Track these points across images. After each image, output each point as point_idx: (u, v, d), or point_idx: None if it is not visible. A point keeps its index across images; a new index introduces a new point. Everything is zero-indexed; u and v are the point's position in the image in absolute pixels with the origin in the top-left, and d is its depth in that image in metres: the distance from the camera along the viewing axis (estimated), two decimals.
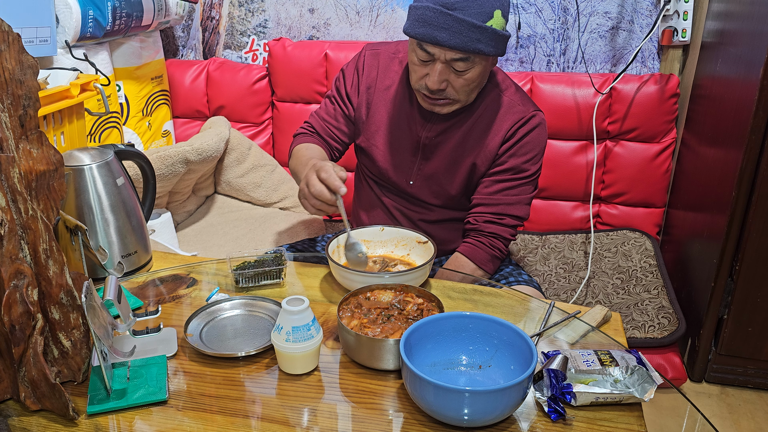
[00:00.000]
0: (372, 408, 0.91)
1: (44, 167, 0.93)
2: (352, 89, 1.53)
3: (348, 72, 1.55)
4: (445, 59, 1.30)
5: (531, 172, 1.44)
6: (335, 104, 1.56)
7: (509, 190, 1.44)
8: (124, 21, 1.96)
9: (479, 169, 1.45)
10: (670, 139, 2.25)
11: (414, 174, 1.49)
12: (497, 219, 1.44)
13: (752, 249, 1.80)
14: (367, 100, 1.51)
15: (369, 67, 1.52)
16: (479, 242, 1.44)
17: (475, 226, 1.45)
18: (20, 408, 0.91)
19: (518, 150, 1.43)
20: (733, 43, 1.90)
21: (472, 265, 1.42)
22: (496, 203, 1.44)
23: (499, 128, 1.43)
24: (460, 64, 1.30)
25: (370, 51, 1.54)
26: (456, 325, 0.97)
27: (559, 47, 2.34)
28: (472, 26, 1.25)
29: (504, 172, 1.44)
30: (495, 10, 1.27)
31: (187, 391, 0.94)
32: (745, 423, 1.83)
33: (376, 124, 1.50)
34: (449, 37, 1.25)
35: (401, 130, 1.48)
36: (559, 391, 0.89)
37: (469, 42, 1.26)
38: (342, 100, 1.55)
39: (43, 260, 0.88)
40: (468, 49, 1.26)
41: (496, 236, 1.44)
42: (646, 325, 1.90)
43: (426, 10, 1.26)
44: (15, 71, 0.89)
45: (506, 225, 1.44)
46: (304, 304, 0.95)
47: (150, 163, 1.36)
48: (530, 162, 1.44)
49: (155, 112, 2.32)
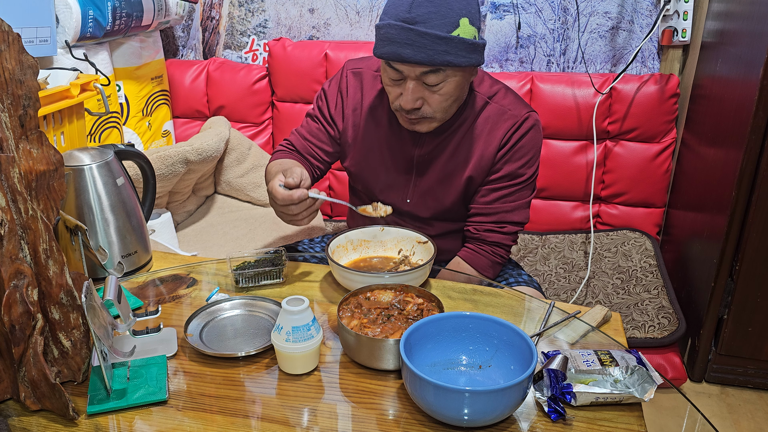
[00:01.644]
0: (372, 408, 0.91)
1: (44, 167, 0.93)
2: (336, 111, 1.48)
3: (330, 93, 1.49)
4: (415, 76, 1.25)
5: (528, 176, 1.41)
6: (318, 123, 1.50)
7: (507, 197, 1.41)
8: (124, 21, 1.96)
9: (476, 180, 1.41)
10: (670, 139, 2.25)
11: (410, 192, 1.46)
12: (498, 228, 1.41)
13: (752, 249, 1.80)
14: (354, 122, 1.46)
15: (353, 89, 1.46)
16: (482, 250, 1.42)
17: (476, 235, 1.43)
18: (20, 408, 0.91)
19: (513, 155, 1.39)
20: (733, 43, 1.90)
21: (473, 271, 1.41)
22: (496, 212, 1.41)
23: (492, 137, 1.38)
24: (432, 78, 1.25)
25: (351, 71, 1.48)
26: (456, 325, 0.97)
27: (559, 47, 2.34)
28: (436, 38, 1.19)
29: (500, 179, 1.40)
30: (460, 18, 1.21)
31: (187, 391, 0.94)
32: (744, 423, 1.83)
33: (366, 146, 1.46)
34: (414, 53, 1.20)
35: (393, 150, 1.44)
36: (559, 391, 0.89)
37: (435, 55, 1.20)
38: (325, 119, 1.49)
39: (43, 260, 0.88)
40: (435, 62, 1.21)
41: (498, 244, 1.42)
42: (646, 325, 1.90)
43: (389, 27, 1.22)
44: (15, 71, 0.89)
45: (507, 232, 1.42)
46: (304, 304, 0.95)
47: (150, 163, 1.36)
48: (526, 166, 1.40)
49: (155, 112, 2.32)
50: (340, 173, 2.44)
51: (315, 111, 1.51)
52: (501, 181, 1.40)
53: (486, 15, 2.35)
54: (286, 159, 1.48)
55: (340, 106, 1.47)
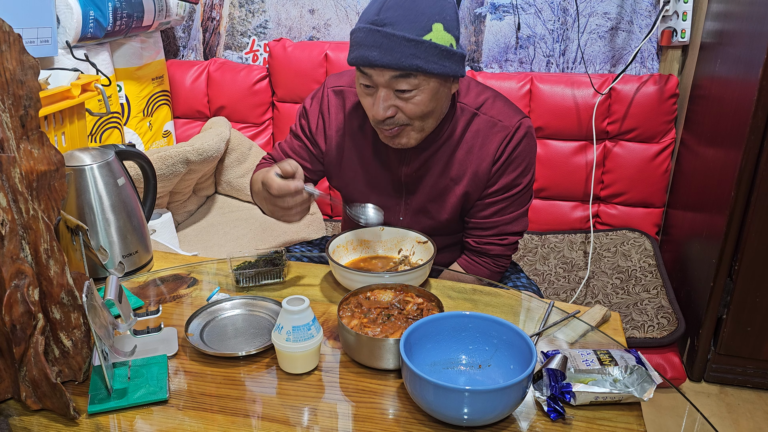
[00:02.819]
0: (372, 407, 0.92)
1: (45, 167, 0.93)
2: (317, 132, 1.42)
3: (312, 113, 1.43)
4: (385, 81, 1.19)
5: (524, 185, 1.37)
6: (300, 141, 1.45)
7: (505, 210, 1.37)
8: (125, 21, 1.97)
9: (472, 196, 1.37)
10: (670, 140, 2.25)
11: (402, 211, 1.42)
12: (499, 240, 1.39)
13: (751, 249, 1.80)
14: (337, 143, 1.41)
15: (335, 109, 1.40)
16: (484, 261, 1.41)
17: (477, 249, 1.40)
18: (21, 407, 0.91)
19: (508, 167, 1.34)
20: (732, 43, 1.90)
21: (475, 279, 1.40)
22: (495, 225, 1.38)
23: (485, 152, 1.33)
24: (403, 84, 1.18)
25: (332, 89, 1.42)
26: (456, 325, 0.97)
27: (559, 48, 2.34)
28: (404, 40, 1.14)
29: (497, 192, 1.36)
30: (433, 23, 1.15)
31: (188, 390, 0.94)
32: (744, 422, 1.83)
33: (353, 168, 1.41)
34: (381, 56, 1.15)
35: (380, 170, 1.39)
36: (559, 390, 0.89)
37: (402, 58, 1.15)
38: (308, 138, 1.44)
39: (44, 260, 0.88)
40: (402, 66, 1.15)
41: (500, 256, 1.41)
42: (645, 325, 1.90)
43: (359, 31, 1.19)
44: (16, 72, 0.90)
45: (508, 244, 1.40)
46: (304, 304, 0.95)
47: (151, 164, 1.36)
48: (521, 175, 1.35)
49: (156, 113, 2.32)
50: None
51: (297, 128, 1.46)
52: (497, 194, 1.36)
53: (486, 16, 2.35)
54: None
55: (322, 127, 1.42)
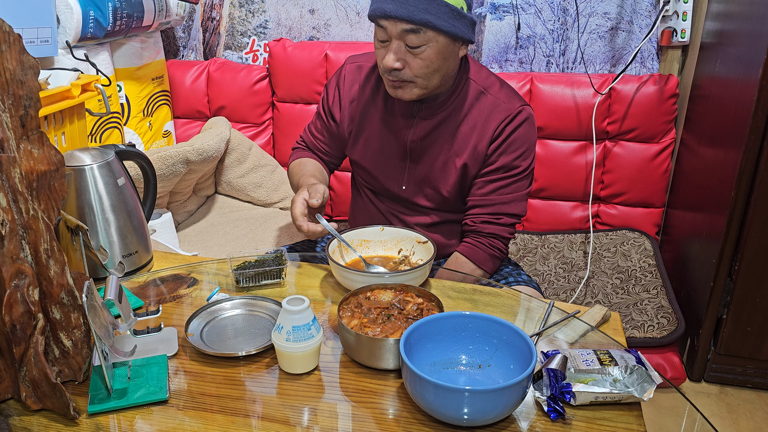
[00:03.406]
0: (372, 407, 0.92)
1: (45, 167, 0.93)
2: (333, 104, 1.54)
3: (330, 87, 1.56)
4: (398, 34, 1.29)
5: (523, 168, 1.43)
6: (321, 120, 1.59)
7: (503, 189, 1.43)
8: (125, 21, 1.97)
9: (470, 170, 1.44)
10: (670, 140, 2.25)
11: (405, 179, 1.49)
12: (494, 219, 1.44)
13: (751, 249, 1.80)
14: (350, 114, 1.52)
15: (350, 82, 1.52)
16: (478, 242, 1.44)
17: (473, 228, 1.45)
18: (21, 407, 0.91)
19: (507, 148, 1.41)
20: (732, 43, 1.90)
21: (472, 264, 1.43)
22: (492, 203, 1.44)
23: (486, 129, 1.41)
24: (413, 38, 1.28)
25: (351, 64, 1.55)
26: (456, 325, 0.97)
27: (559, 48, 2.34)
28: None
29: (495, 171, 1.43)
30: None
31: (188, 390, 0.94)
32: (744, 422, 1.83)
33: (365, 136, 1.51)
34: (396, 8, 1.25)
35: (388, 138, 1.48)
36: (559, 390, 0.89)
37: (415, 12, 1.25)
38: (326, 115, 1.57)
39: (44, 260, 0.88)
40: (415, 19, 1.25)
41: (494, 236, 1.44)
42: (645, 325, 1.90)
43: None
44: (16, 72, 0.90)
45: (504, 224, 1.44)
46: (304, 304, 0.95)
47: (151, 164, 1.36)
48: (521, 158, 1.42)
49: (156, 113, 2.32)
50: (340, 173, 2.44)
51: (319, 107, 1.60)
52: (496, 173, 1.43)
53: (486, 16, 2.35)
54: (306, 160, 1.58)
55: (337, 99, 1.54)
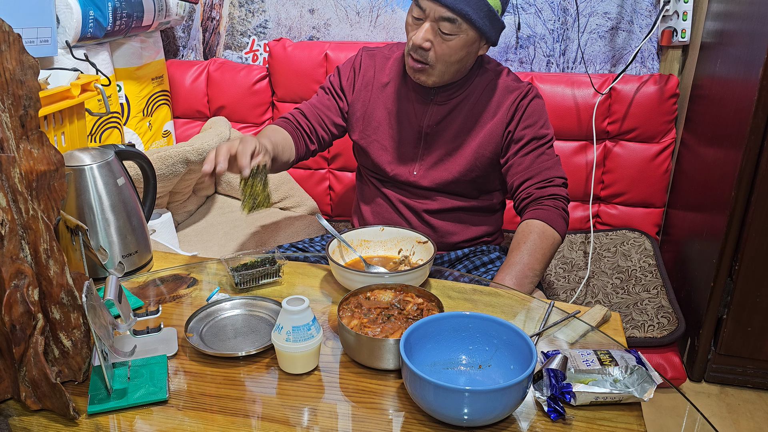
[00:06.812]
0: (372, 408, 0.92)
1: (45, 167, 0.93)
2: (347, 84, 1.59)
3: (344, 69, 1.61)
4: (434, 18, 1.35)
5: (550, 135, 1.50)
6: (329, 95, 1.62)
7: (542, 157, 1.48)
8: (125, 21, 1.96)
9: (484, 153, 1.49)
10: (670, 140, 2.25)
11: (417, 164, 1.53)
12: (547, 183, 1.46)
13: (751, 249, 1.80)
14: (363, 97, 1.57)
15: (366, 67, 1.59)
16: (544, 204, 1.43)
17: (530, 198, 1.46)
18: (21, 408, 0.91)
19: (529, 119, 1.48)
20: (732, 43, 1.90)
21: (541, 224, 1.39)
22: (538, 172, 1.47)
23: (498, 109, 1.48)
24: (447, 25, 1.35)
25: (366, 52, 1.62)
26: (456, 325, 0.97)
27: (559, 48, 2.34)
28: None
29: (528, 144, 1.48)
30: None
31: (188, 390, 0.94)
32: (744, 423, 1.83)
33: (376, 120, 1.56)
34: None
35: (402, 122, 1.53)
36: (559, 390, 0.89)
37: (458, 2, 1.32)
38: (336, 93, 1.60)
39: (43, 260, 0.88)
40: (456, 8, 1.32)
41: (555, 197, 1.44)
42: (645, 325, 1.90)
43: None
44: (16, 71, 0.90)
45: (558, 185, 1.46)
46: (304, 304, 0.95)
47: (150, 163, 1.36)
48: (544, 127, 1.50)
49: (156, 113, 2.32)
50: (340, 173, 2.44)
51: (327, 84, 1.63)
52: (529, 145, 1.48)
53: None
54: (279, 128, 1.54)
55: (352, 80, 1.60)
